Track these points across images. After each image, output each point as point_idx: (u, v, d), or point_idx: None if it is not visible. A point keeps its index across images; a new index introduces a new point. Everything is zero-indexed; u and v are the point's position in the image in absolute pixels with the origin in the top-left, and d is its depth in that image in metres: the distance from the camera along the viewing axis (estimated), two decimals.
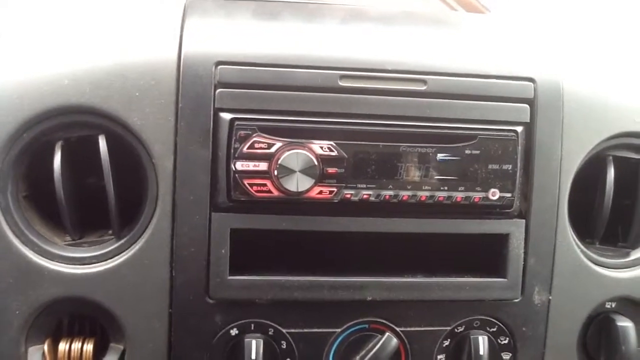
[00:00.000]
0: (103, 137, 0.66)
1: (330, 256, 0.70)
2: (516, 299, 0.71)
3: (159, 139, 0.65)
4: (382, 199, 0.66)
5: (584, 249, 0.73)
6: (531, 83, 0.70)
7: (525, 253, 0.70)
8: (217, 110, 0.65)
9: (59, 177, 0.65)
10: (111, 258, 0.67)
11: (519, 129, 0.69)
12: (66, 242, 0.69)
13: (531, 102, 0.70)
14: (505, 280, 0.70)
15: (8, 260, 0.65)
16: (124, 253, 0.66)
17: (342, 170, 0.65)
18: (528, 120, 0.69)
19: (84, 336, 0.69)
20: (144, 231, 0.66)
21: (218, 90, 0.65)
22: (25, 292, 0.66)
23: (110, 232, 0.69)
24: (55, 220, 0.68)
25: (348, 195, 0.66)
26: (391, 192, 0.67)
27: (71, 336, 0.69)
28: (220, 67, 0.65)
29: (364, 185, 0.66)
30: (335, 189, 0.65)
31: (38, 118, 0.64)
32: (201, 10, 0.71)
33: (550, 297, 0.71)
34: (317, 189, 0.65)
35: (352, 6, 0.80)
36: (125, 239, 0.67)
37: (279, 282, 0.67)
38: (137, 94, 0.64)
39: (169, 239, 0.66)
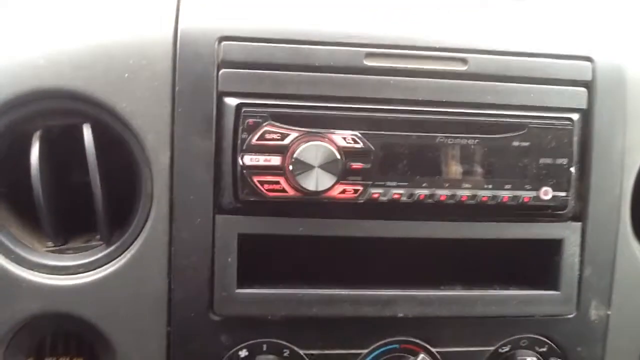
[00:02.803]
0: (88, 126, 0.57)
1: (353, 266, 0.62)
2: (570, 314, 0.62)
3: (152, 128, 0.56)
4: (415, 199, 0.57)
5: None
6: (589, 63, 0.60)
7: (581, 262, 0.61)
8: (221, 95, 0.56)
9: (37, 171, 0.56)
10: (100, 267, 0.58)
11: (575, 116, 0.60)
12: (47, 249, 0.60)
13: (589, 85, 0.60)
14: (558, 293, 0.61)
15: None
16: (114, 261, 0.58)
17: (369, 166, 0.56)
18: (585, 107, 0.60)
19: (69, 356, 0.62)
20: (137, 236, 0.58)
21: (222, 71, 0.56)
22: (0, 306, 0.57)
23: (98, 236, 0.60)
24: (35, 222, 0.60)
25: (375, 195, 0.57)
26: (426, 191, 0.57)
27: (55, 356, 0.61)
28: (224, 43, 0.56)
29: (394, 183, 0.57)
30: (360, 188, 0.56)
31: (11, 103, 0.56)
32: None
33: (609, 313, 0.63)
34: (339, 188, 0.56)
35: None
36: (115, 245, 0.59)
37: (295, 295, 0.58)
38: (125, 75, 0.55)
39: (166, 245, 0.57)
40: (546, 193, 0.59)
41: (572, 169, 0.59)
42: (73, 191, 0.62)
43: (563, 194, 0.59)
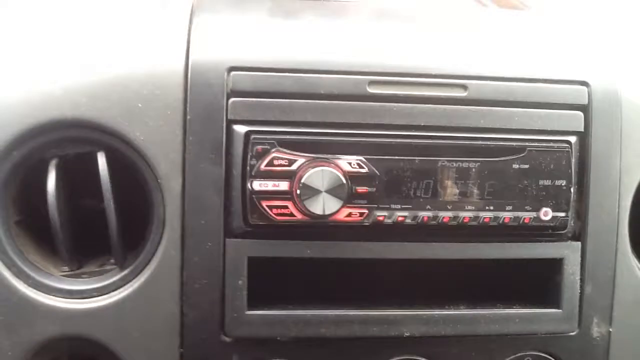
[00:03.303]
0: (102, 155, 0.59)
1: (360, 286, 0.63)
2: (572, 332, 0.63)
3: (165, 156, 0.58)
4: (419, 221, 0.58)
5: None
6: (585, 87, 0.62)
7: (582, 280, 0.62)
8: (230, 122, 0.57)
9: (54, 199, 0.58)
10: (114, 291, 0.59)
11: (573, 139, 0.61)
12: (63, 273, 0.62)
13: (585, 108, 0.62)
14: (560, 311, 0.62)
15: None
16: (128, 285, 0.59)
17: (374, 189, 0.58)
18: (582, 130, 0.62)
19: None
20: (149, 260, 0.59)
21: (231, 100, 0.57)
22: (18, 330, 0.58)
23: (112, 260, 0.62)
24: (50, 247, 0.61)
25: (381, 218, 0.58)
26: (430, 214, 0.59)
27: None
28: (233, 73, 0.57)
29: (399, 206, 0.58)
30: (366, 211, 0.58)
31: (29, 134, 0.57)
32: (210, 9, 0.64)
33: (610, 330, 0.63)
34: (345, 211, 0.57)
35: (378, 4, 0.72)
36: (129, 269, 0.60)
37: (303, 317, 0.59)
38: (139, 105, 0.57)
39: (179, 269, 0.58)
40: (546, 214, 0.60)
41: (571, 190, 0.61)
42: (87, 216, 0.62)
43: (562, 214, 0.61)
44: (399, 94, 0.59)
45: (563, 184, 0.61)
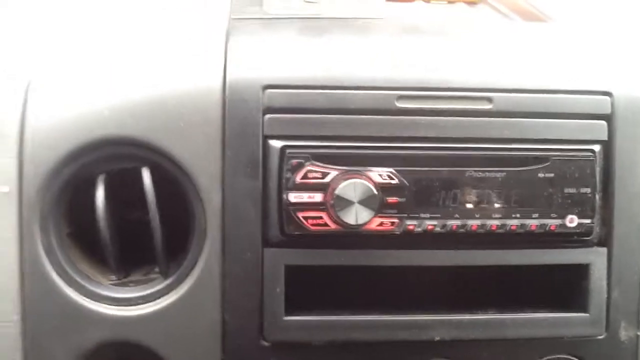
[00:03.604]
0: (147, 170, 0.62)
1: (392, 292, 0.65)
2: (600, 335, 0.64)
3: (205, 171, 0.61)
4: (448, 229, 0.61)
5: None
6: (608, 97, 0.63)
7: (608, 284, 0.64)
8: (266, 138, 0.60)
9: (102, 213, 0.62)
10: (159, 298, 0.63)
11: (597, 147, 0.63)
12: (111, 282, 0.65)
13: (608, 117, 0.63)
14: (587, 315, 0.63)
15: (52, 302, 0.62)
16: (172, 293, 0.62)
17: (404, 200, 0.60)
18: (606, 138, 0.63)
19: None
20: (192, 269, 0.62)
21: (266, 116, 0.60)
22: (70, 335, 0.62)
23: (156, 269, 0.65)
24: (98, 258, 0.65)
25: (411, 227, 0.60)
26: (458, 222, 0.61)
27: None
28: (267, 91, 0.60)
29: (428, 215, 0.61)
30: (396, 220, 0.60)
31: (79, 152, 0.61)
32: (245, 31, 0.67)
33: (638, 334, 0.65)
34: (377, 221, 0.60)
35: (402, 20, 0.75)
36: (173, 277, 0.63)
37: (338, 322, 0.62)
38: (181, 123, 0.60)
39: (219, 277, 0.61)
40: (571, 221, 0.62)
41: (596, 197, 0.63)
42: (132, 227, 0.66)
43: (588, 221, 0.62)
44: (426, 108, 0.61)
45: (588, 192, 0.62)
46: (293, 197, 0.60)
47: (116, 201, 0.65)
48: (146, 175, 0.62)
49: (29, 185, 0.61)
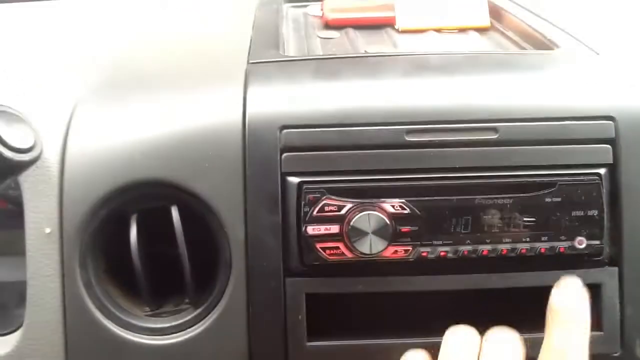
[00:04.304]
0: (175, 208, 0.67)
1: (407, 316, 0.67)
2: (616, 353, 0.66)
3: (228, 207, 0.65)
4: (460, 255, 0.64)
5: None
6: (611, 122, 0.66)
7: (621, 303, 0.65)
8: (284, 175, 0.64)
9: (136, 249, 0.66)
10: (190, 327, 0.67)
11: (602, 171, 0.65)
12: (146, 313, 0.70)
13: (613, 141, 0.66)
14: (602, 333, 0.65)
15: (93, 334, 0.66)
16: (202, 322, 0.66)
17: (416, 228, 0.63)
18: (611, 162, 0.65)
19: None
20: (219, 299, 0.66)
21: (284, 155, 0.65)
22: None
23: (186, 300, 0.69)
24: (133, 291, 0.70)
25: (424, 254, 0.64)
26: (469, 247, 0.64)
27: None
28: (284, 131, 0.65)
29: (440, 242, 0.64)
30: (410, 248, 0.63)
31: (113, 194, 0.66)
32: (262, 74, 0.72)
33: None
34: (391, 249, 0.63)
35: (413, 55, 0.78)
36: (202, 307, 0.67)
37: (359, 346, 0.65)
38: (206, 164, 0.65)
39: (245, 306, 0.65)
40: (581, 242, 0.64)
41: (604, 219, 0.65)
42: (162, 260, 0.70)
43: (597, 242, 0.64)
44: (435, 140, 0.65)
45: (595, 214, 0.64)
46: (311, 229, 0.63)
47: (148, 237, 0.69)
48: (175, 213, 0.66)
49: (68, 225, 0.66)
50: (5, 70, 0.83)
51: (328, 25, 0.98)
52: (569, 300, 0.56)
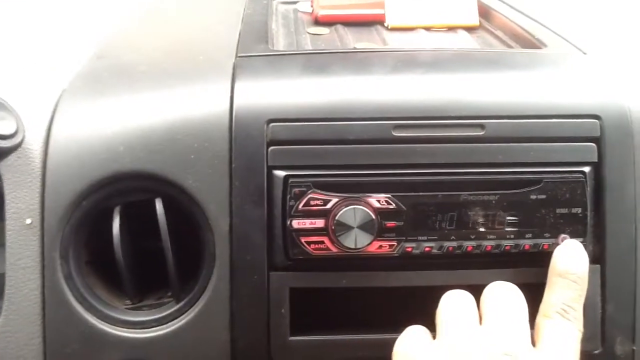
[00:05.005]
0: (160, 201, 0.66)
1: (391, 310, 0.67)
2: (596, 350, 0.66)
3: (214, 200, 0.65)
4: (444, 251, 0.64)
5: None
6: (596, 120, 0.66)
7: (603, 300, 0.66)
8: (271, 168, 0.64)
9: (119, 242, 0.65)
10: (172, 321, 0.66)
11: (587, 169, 0.65)
12: (126, 306, 0.69)
13: (598, 140, 0.66)
14: (583, 330, 0.65)
15: (72, 327, 0.66)
16: (184, 315, 0.66)
17: (402, 223, 0.63)
18: (596, 160, 0.66)
19: None
20: (202, 293, 0.66)
21: (270, 148, 0.64)
22: (88, 357, 0.66)
23: (169, 293, 0.69)
24: (115, 284, 0.69)
25: (409, 249, 0.64)
26: (454, 244, 0.64)
27: None
28: (271, 124, 0.64)
29: (425, 238, 0.64)
30: (395, 243, 0.63)
31: (96, 186, 0.65)
32: (250, 68, 0.71)
33: (634, 348, 0.66)
34: (376, 244, 0.63)
35: (402, 51, 0.78)
36: (184, 301, 0.66)
37: (342, 341, 0.65)
38: (192, 156, 0.64)
39: (228, 300, 0.65)
40: (564, 239, 0.64)
41: (587, 217, 0.65)
42: (145, 254, 0.70)
43: (580, 239, 0.65)
44: (422, 136, 0.65)
45: (579, 212, 0.65)
46: (296, 223, 0.63)
47: (131, 230, 0.69)
48: (159, 206, 0.66)
49: (50, 217, 0.65)
50: None
51: (318, 22, 0.98)
52: (571, 262, 0.61)
